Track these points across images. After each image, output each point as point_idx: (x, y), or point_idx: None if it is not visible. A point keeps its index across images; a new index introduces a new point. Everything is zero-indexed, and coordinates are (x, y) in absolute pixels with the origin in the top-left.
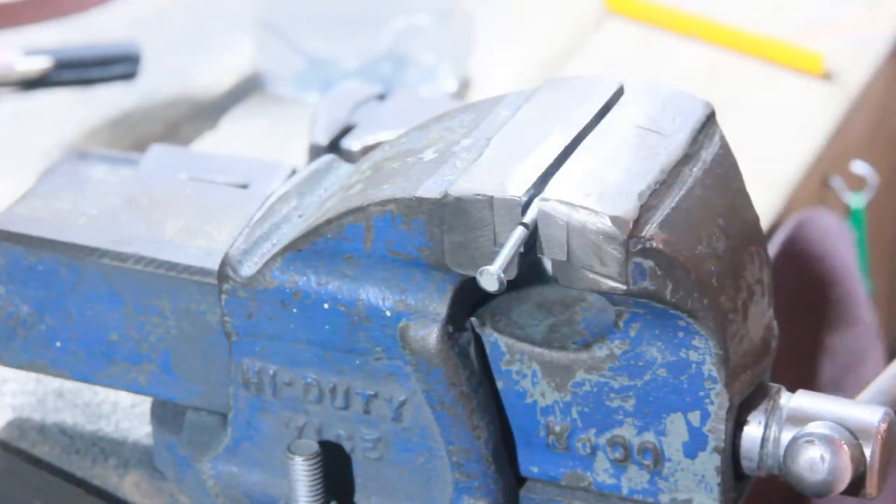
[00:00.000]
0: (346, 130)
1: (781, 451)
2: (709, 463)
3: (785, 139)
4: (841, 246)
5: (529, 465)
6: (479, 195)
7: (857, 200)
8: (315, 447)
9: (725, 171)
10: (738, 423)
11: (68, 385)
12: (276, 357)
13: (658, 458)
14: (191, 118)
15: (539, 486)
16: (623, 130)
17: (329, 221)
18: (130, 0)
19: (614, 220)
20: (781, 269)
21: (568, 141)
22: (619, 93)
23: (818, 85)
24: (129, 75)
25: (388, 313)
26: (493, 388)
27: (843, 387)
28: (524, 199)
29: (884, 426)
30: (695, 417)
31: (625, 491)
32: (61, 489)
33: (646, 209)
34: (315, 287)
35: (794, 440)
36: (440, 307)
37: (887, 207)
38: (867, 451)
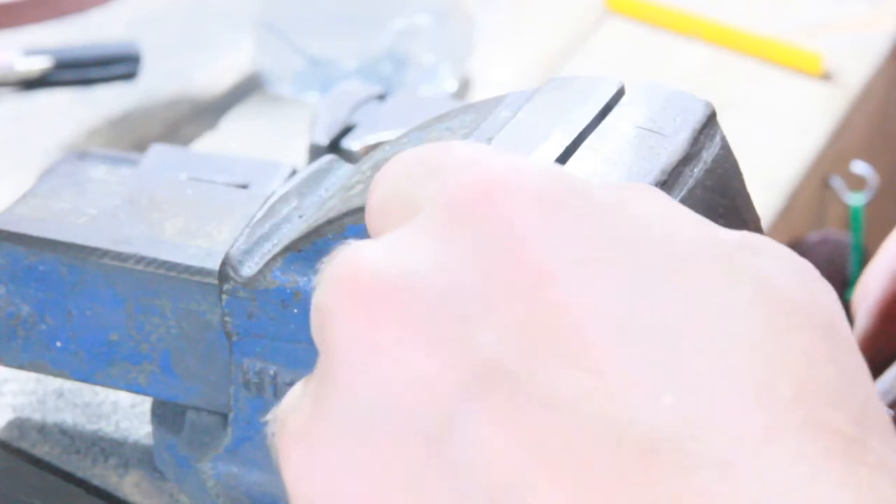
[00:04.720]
0: (346, 130)
1: None
2: None
3: (785, 139)
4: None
5: None
6: None
7: (857, 200)
8: None
9: (726, 172)
10: None
11: (68, 385)
12: (276, 357)
13: None
14: (191, 118)
15: None
16: (624, 130)
17: (330, 222)
18: (130, 0)
19: None
20: None
21: (569, 141)
22: (619, 93)
23: (818, 85)
24: (129, 75)
25: None
26: None
27: None
28: None
29: None
30: None
31: None
32: (61, 489)
33: None
34: None
35: None
36: None
37: (887, 207)
38: None
